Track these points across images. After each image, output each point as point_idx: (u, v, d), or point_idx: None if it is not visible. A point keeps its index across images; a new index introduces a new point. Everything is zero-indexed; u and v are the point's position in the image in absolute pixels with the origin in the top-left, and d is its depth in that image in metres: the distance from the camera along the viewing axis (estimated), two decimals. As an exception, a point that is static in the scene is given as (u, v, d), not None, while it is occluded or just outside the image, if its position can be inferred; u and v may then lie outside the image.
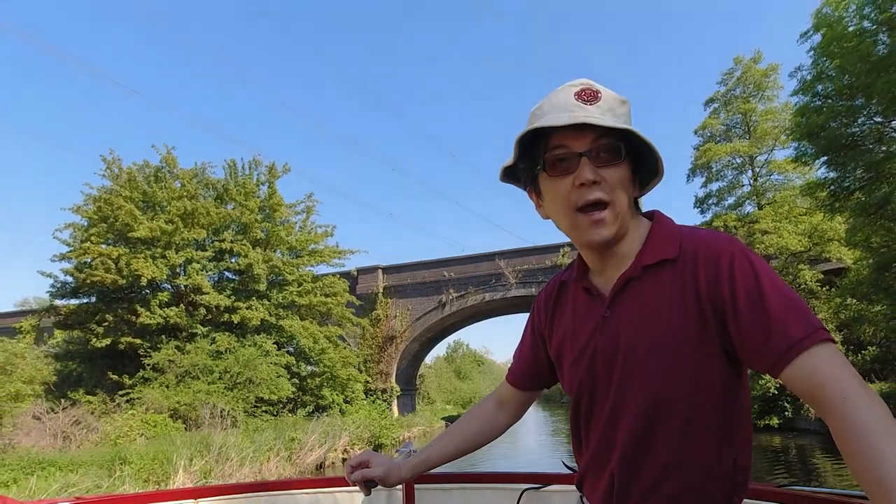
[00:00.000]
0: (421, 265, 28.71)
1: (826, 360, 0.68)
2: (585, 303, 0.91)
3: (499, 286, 27.23)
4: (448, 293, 27.77)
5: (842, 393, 0.65)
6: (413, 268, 28.79)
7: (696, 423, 0.80)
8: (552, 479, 1.66)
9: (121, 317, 16.52)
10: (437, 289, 28.10)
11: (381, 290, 28.58)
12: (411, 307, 28.33)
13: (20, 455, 9.48)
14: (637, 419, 0.82)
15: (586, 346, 0.88)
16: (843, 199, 10.08)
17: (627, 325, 0.83)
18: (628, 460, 0.83)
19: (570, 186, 0.82)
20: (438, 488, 1.78)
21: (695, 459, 0.80)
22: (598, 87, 0.83)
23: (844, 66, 8.63)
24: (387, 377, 27.84)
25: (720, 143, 20.10)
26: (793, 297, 0.73)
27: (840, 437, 0.64)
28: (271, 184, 19.85)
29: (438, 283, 28.10)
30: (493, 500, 1.72)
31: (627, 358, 0.82)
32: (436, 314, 27.99)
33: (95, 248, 16.10)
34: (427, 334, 28.94)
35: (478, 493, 1.75)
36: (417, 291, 28.43)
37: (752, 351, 0.74)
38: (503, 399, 1.13)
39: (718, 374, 0.79)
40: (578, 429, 0.93)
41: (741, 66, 20.46)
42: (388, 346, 28.07)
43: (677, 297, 0.80)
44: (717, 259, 0.78)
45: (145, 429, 13.66)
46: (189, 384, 15.80)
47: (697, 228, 0.86)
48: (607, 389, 0.85)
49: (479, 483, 1.76)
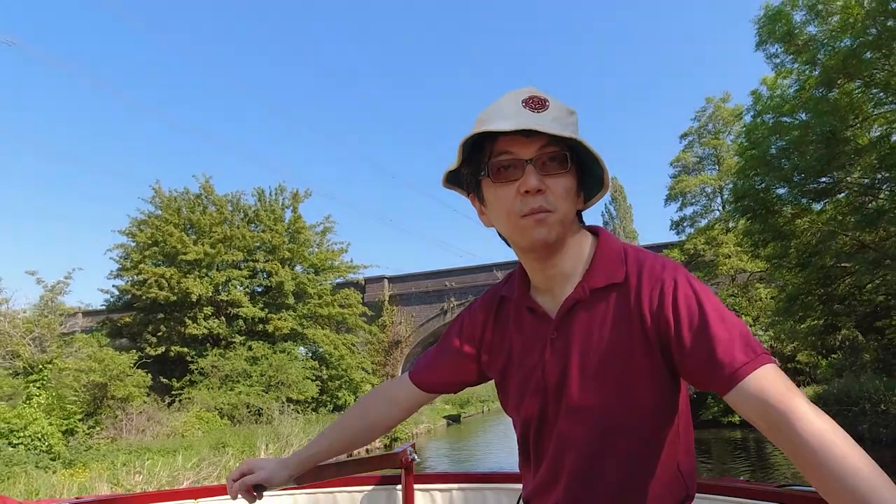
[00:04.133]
0: (424, 275, 31.70)
1: (771, 381, 0.70)
2: (530, 323, 0.92)
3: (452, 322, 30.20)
4: (449, 301, 30.76)
5: (789, 412, 0.66)
6: (417, 278, 31.79)
7: (645, 442, 0.83)
8: None
9: (172, 328, 19.64)
10: (440, 297, 31.09)
11: (387, 298, 31.51)
12: (415, 314, 31.34)
13: (129, 443, 12.63)
14: (587, 442, 0.84)
15: (534, 369, 0.89)
16: (762, 246, 13.42)
17: (575, 352, 0.84)
18: (578, 483, 0.85)
19: (515, 194, 0.82)
20: (438, 488, 1.80)
21: (644, 476, 0.83)
22: (545, 95, 0.84)
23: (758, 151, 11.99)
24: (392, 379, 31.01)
25: (692, 175, 23.45)
26: (735, 323, 0.76)
27: (795, 455, 0.66)
28: (295, 208, 23.05)
29: (440, 292, 31.12)
30: (493, 500, 1.73)
31: (576, 389, 0.84)
32: (438, 321, 31.02)
33: (150, 269, 19.23)
34: (430, 339, 32.05)
35: (478, 493, 1.76)
36: (421, 300, 31.41)
37: (697, 375, 0.76)
38: (397, 398, 1.10)
39: (664, 393, 0.83)
40: (527, 450, 0.94)
41: (712, 104, 23.81)
42: (394, 350, 31.04)
43: (623, 322, 0.82)
44: (661, 284, 0.80)
45: (200, 424, 16.79)
46: (231, 386, 18.94)
47: (641, 250, 0.88)
48: (556, 413, 0.86)
49: (479, 483, 1.78)
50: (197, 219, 20.41)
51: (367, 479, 1.80)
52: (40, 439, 10.62)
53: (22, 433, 10.35)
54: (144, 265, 19.42)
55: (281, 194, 23.23)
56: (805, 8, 12.18)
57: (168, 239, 19.35)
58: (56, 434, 10.98)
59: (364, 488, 1.80)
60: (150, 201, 21.09)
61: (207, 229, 20.42)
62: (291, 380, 20.06)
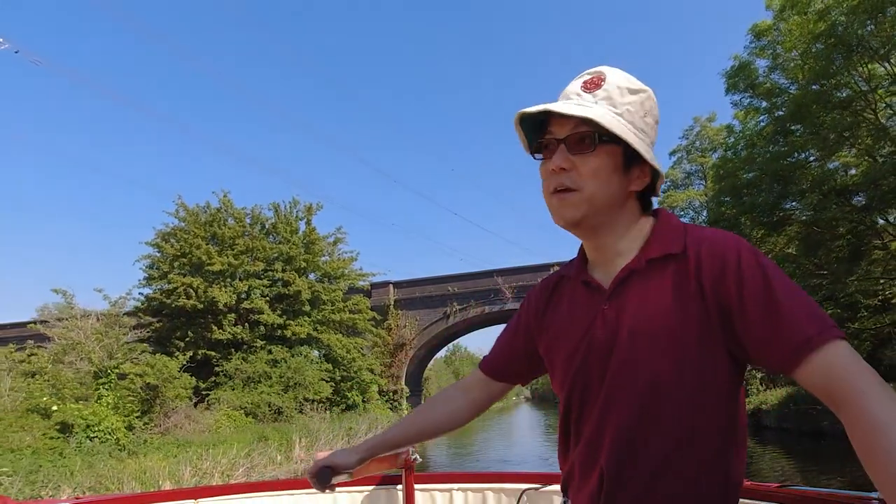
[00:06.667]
0: (428, 281, 33.48)
1: (840, 356, 0.69)
2: (584, 296, 0.92)
3: (497, 300, 32.03)
4: (452, 306, 32.57)
5: (858, 389, 0.65)
6: (420, 283, 33.60)
7: (691, 425, 0.79)
8: (552, 479, 1.68)
9: (199, 334, 21.70)
10: (443, 302, 32.88)
11: (393, 302, 33.25)
12: (419, 318, 33.08)
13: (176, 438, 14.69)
14: (630, 415, 0.81)
15: (582, 340, 0.88)
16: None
17: (627, 318, 0.83)
18: (619, 459, 0.82)
19: (549, 172, 0.86)
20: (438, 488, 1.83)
21: (689, 460, 0.79)
22: (610, 74, 0.87)
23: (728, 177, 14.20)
24: (397, 379, 32.75)
25: (681, 189, 25.59)
26: (803, 296, 0.74)
27: (856, 434, 0.64)
28: (308, 220, 25.12)
29: (443, 296, 32.93)
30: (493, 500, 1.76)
31: (624, 350, 0.82)
32: (441, 324, 32.88)
33: (178, 279, 21.27)
34: (433, 342, 33.98)
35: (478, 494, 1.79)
36: (424, 304, 33.16)
37: (763, 349, 0.75)
38: (471, 389, 1.13)
39: (719, 376, 0.79)
40: (568, 426, 0.91)
41: (699, 123, 25.94)
42: (399, 352, 32.79)
43: (680, 293, 0.80)
44: (722, 256, 0.78)
45: (229, 422, 18.82)
46: (254, 387, 20.98)
47: (703, 227, 0.88)
48: (600, 383, 0.85)
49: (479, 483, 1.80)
50: (221, 232, 22.46)
51: (368, 479, 1.82)
52: (110, 433, 12.69)
53: (97, 428, 12.41)
54: (173, 275, 21.46)
55: (295, 207, 25.32)
56: (769, 58, 14.31)
57: (195, 251, 21.42)
58: (121, 429, 13.05)
59: (365, 488, 1.83)
60: (174, 214, 23.15)
61: (230, 241, 22.46)
62: (308, 381, 22.10)
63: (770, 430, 18.74)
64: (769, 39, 14.01)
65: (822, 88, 11.74)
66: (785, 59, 13.61)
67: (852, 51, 11.13)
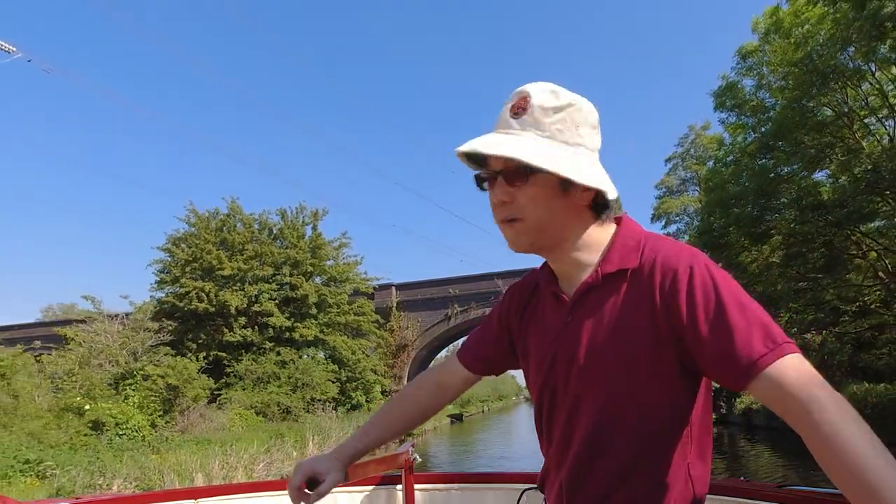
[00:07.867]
0: (429, 283, 34.36)
1: (791, 371, 0.70)
2: (552, 307, 0.96)
3: (496, 302, 32.96)
4: (453, 307, 33.48)
5: (810, 402, 0.67)
6: (422, 285, 34.48)
7: (648, 431, 0.83)
8: None
9: (210, 336, 22.68)
10: (444, 303, 33.73)
11: (395, 304, 34.16)
12: (421, 319, 33.93)
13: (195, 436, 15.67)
14: (591, 425, 0.86)
15: (549, 348, 0.92)
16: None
17: (585, 334, 0.87)
18: (581, 465, 0.87)
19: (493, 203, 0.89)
20: (438, 488, 1.84)
21: (648, 468, 0.83)
22: (534, 94, 0.85)
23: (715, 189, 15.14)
24: (399, 380, 33.59)
25: (676, 196, 26.61)
26: (755, 312, 0.75)
27: (813, 446, 0.66)
28: (314, 226, 26.10)
29: (445, 298, 33.80)
30: (493, 500, 1.77)
31: (583, 365, 0.86)
32: (442, 325, 33.77)
33: (191, 283, 22.25)
34: (435, 343, 34.88)
35: (478, 493, 1.80)
36: (426, 306, 34.02)
37: (713, 366, 0.76)
38: (445, 379, 1.16)
39: (673, 384, 0.82)
40: (541, 429, 0.98)
41: (693, 132, 26.95)
42: (401, 353, 33.64)
43: (633, 307, 0.83)
44: (675, 271, 0.80)
45: (241, 421, 19.78)
46: (264, 387, 21.95)
47: (663, 238, 0.90)
48: (565, 394, 0.90)
49: (479, 483, 1.82)
50: (231, 238, 23.44)
51: (368, 479, 1.83)
52: (136, 431, 13.68)
53: (125, 426, 13.40)
54: (185, 280, 22.44)
55: (301, 212, 26.31)
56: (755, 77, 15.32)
57: (205, 256, 22.40)
58: (146, 427, 14.05)
59: (365, 488, 1.85)
60: (185, 220, 24.13)
61: (239, 247, 23.45)
62: (315, 381, 23.08)
63: (760, 429, 19.58)
64: (755, 60, 15.03)
65: (803, 108, 12.75)
66: (770, 80, 14.63)
67: (827, 77, 12.13)
